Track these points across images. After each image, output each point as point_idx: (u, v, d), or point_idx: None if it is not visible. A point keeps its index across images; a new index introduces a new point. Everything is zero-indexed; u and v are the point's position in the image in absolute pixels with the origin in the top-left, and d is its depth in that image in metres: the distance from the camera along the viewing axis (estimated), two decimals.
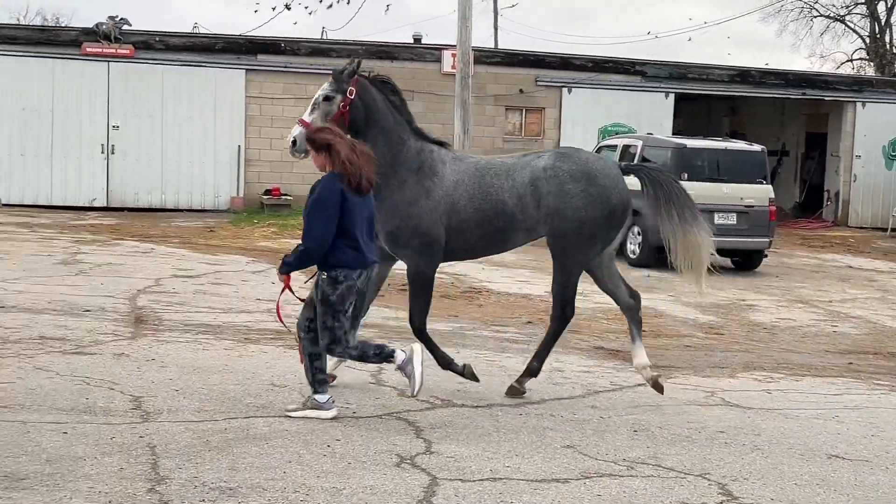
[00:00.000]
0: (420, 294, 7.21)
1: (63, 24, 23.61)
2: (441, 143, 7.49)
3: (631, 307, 7.51)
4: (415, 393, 6.34)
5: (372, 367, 7.35)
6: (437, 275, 7.35)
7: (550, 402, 7.03)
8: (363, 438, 5.81)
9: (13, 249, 14.25)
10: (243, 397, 6.58)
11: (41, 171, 22.21)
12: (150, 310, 9.86)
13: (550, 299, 7.39)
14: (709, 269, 7.47)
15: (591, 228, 7.12)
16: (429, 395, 6.75)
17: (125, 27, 22.24)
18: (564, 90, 24.62)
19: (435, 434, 5.99)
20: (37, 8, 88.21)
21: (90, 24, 22.53)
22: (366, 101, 7.12)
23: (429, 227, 7.10)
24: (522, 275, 14.21)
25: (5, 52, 21.97)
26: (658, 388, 7.27)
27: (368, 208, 6.38)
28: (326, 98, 7.05)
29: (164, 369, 7.28)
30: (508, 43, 49.01)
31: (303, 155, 6.79)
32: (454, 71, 19.41)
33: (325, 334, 6.14)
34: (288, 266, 6.28)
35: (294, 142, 6.85)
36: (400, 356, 6.28)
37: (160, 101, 22.64)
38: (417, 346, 6.46)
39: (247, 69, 23.07)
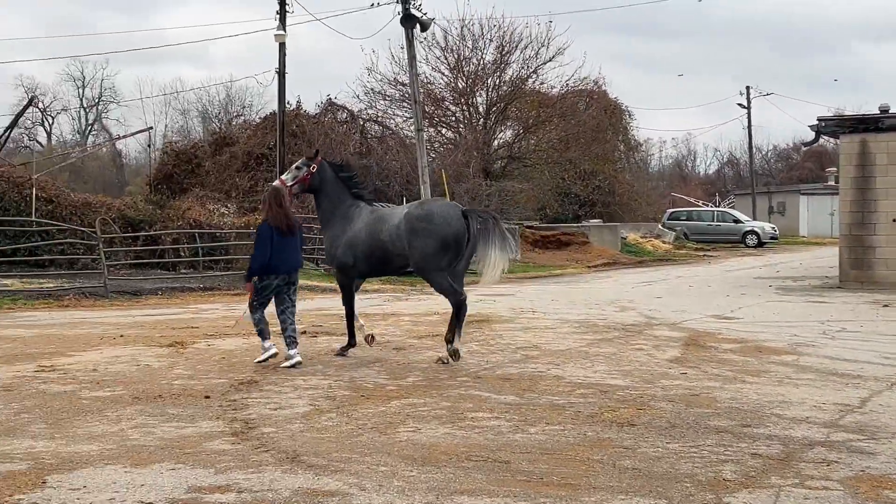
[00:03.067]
0: (343, 293, 11.73)
1: None
2: (370, 202, 11.73)
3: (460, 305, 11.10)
4: (258, 360, 10.84)
5: None
6: None
7: None
8: None
9: None
10: None
11: None
12: None
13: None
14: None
15: (434, 251, 10.87)
16: None
17: None
18: None
19: None
20: None
21: None
22: (321, 175, 11.60)
23: (342, 255, 11.39)
24: None
25: None
26: (454, 356, 11.02)
27: (293, 241, 10.78)
28: (297, 167, 11.65)
29: None
30: None
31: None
32: None
33: (253, 309, 10.84)
34: (246, 277, 11.03)
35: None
36: (272, 350, 10.79)
37: None
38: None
39: None
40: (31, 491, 5.82)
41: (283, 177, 11.75)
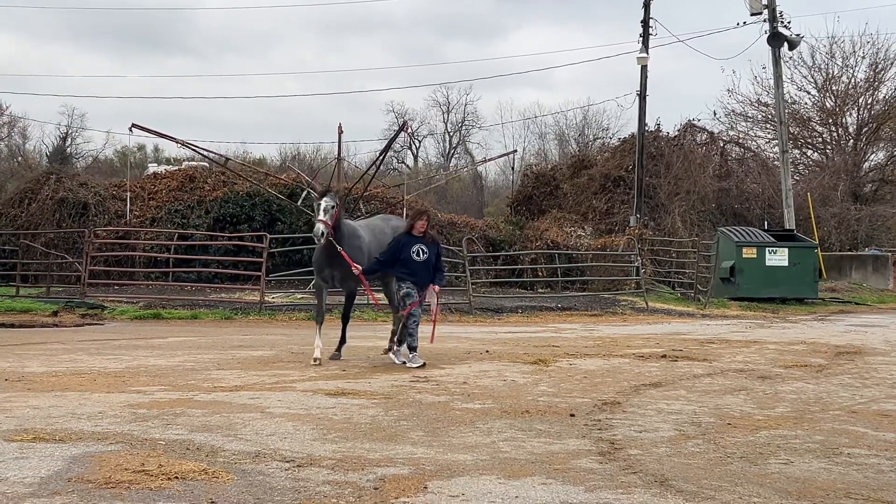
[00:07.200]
0: (353, 301, 14.09)
1: None
2: (353, 218, 15.79)
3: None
4: (401, 362, 12.91)
5: None
6: None
7: None
8: None
9: None
10: None
11: None
12: None
13: None
14: None
15: None
16: None
17: None
18: None
19: None
20: None
21: None
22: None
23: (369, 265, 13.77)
24: None
25: None
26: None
27: None
28: (334, 206, 12.86)
29: None
30: None
31: (322, 241, 12.80)
32: None
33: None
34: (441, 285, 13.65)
35: (322, 233, 12.69)
36: (404, 350, 12.98)
37: None
38: (404, 359, 12.89)
39: None
40: (413, 495, 6.20)
41: (321, 217, 12.61)
